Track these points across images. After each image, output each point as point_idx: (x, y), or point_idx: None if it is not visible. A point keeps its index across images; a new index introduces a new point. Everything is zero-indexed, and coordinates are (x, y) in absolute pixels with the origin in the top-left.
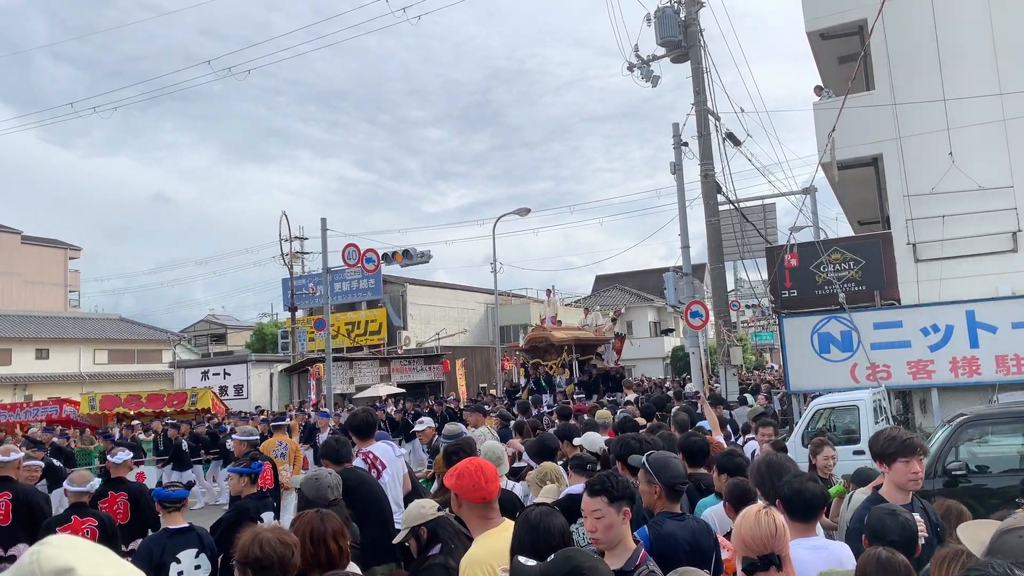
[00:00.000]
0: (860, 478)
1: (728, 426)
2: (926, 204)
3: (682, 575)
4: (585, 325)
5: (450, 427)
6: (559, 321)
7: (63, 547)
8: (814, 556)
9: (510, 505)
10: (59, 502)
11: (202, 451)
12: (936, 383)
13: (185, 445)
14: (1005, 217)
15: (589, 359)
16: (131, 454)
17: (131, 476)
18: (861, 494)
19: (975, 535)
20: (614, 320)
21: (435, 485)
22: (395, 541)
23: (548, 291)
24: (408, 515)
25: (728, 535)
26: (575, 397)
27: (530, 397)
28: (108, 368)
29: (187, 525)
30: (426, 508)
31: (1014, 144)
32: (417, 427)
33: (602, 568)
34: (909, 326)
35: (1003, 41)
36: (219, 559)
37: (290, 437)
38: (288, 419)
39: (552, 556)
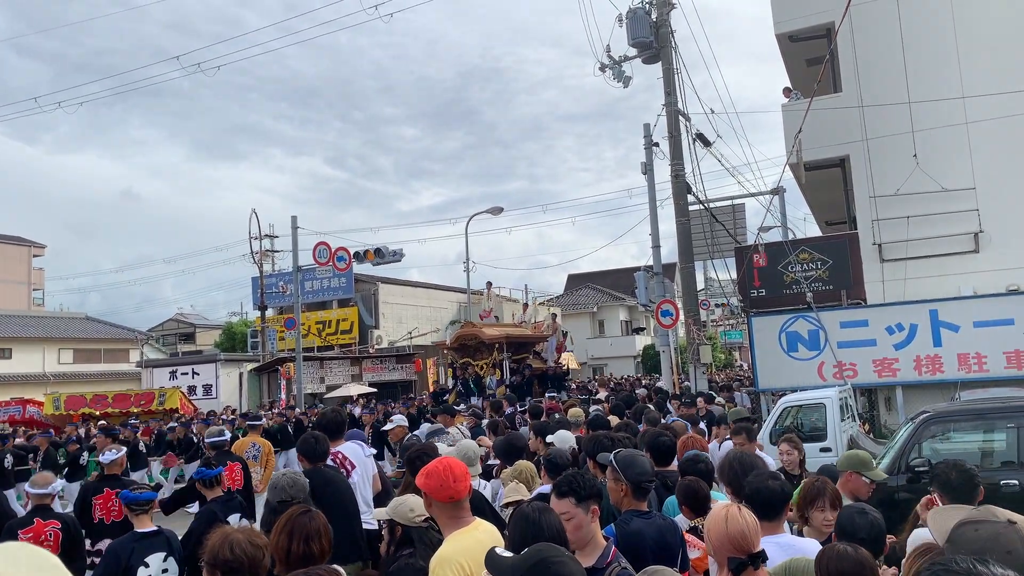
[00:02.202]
0: (826, 476)
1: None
2: (891, 205)
3: (652, 575)
4: (523, 321)
5: (430, 426)
6: (497, 317)
7: None
8: (784, 555)
9: (478, 504)
10: None
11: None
12: (900, 381)
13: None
14: (967, 218)
15: (524, 358)
16: (122, 450)
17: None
18: None
19: (943, 524)
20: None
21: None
22: (375, 518)
23: (488, 284)
24: (398, 507)
25: (691, 531)
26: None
27: (458, 400)
28: (74, 368)
29: (155, 528)
30: (415, 512)
31: (976, 147)
32: (388, 426)
33: (570, 564)
34: (875, 325)
35: (966, 45)
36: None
37: (265, 438)
38: (264, 419)
39: (525, 549)
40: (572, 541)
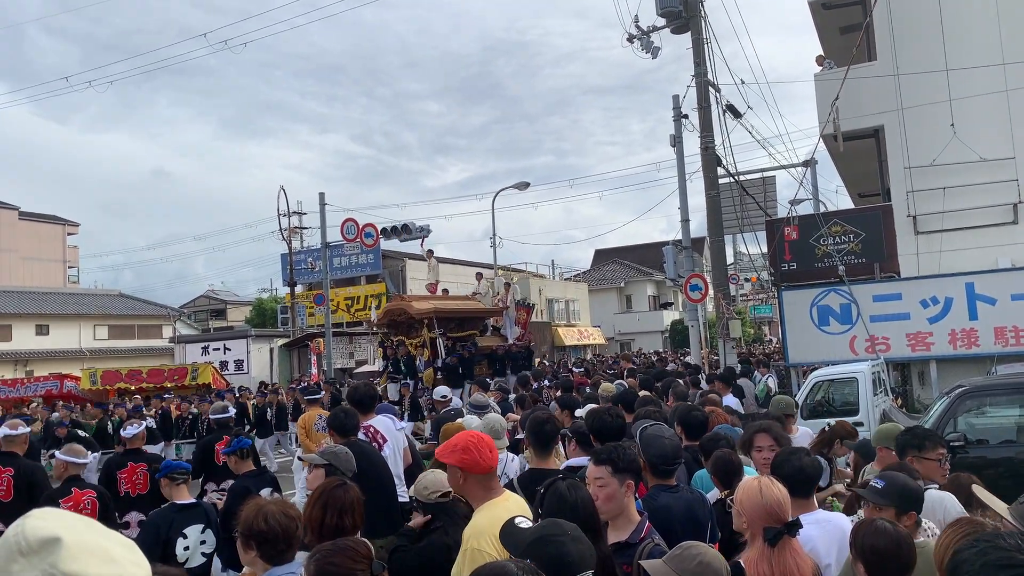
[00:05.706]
0: (865, 451)
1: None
2: (927, 176)
3: (686, 550)
4: (477, 294)
5: (477, 397)
6: (446, 290)
7: (49, 518)
8: (820, 531)
9: None
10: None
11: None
12: (935, 355)
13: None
14: (1006, 189)
15: (471, 335)
16: (143, 424)
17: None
18: (873, 470)
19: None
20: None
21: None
22: (411, 494)
23: (429, 252)
24: (415, 485)
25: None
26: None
27: (388, 383)
28: (108, 344)
29: (193, 500)
30: (429, 490)
31: (1016, 115)
32: (438, 397)
33: (570, 545)
34: (908, 298)
35: (1007, 11)
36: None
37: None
38: (323, 393)
39: (541, 521)
40: (604, 511)
